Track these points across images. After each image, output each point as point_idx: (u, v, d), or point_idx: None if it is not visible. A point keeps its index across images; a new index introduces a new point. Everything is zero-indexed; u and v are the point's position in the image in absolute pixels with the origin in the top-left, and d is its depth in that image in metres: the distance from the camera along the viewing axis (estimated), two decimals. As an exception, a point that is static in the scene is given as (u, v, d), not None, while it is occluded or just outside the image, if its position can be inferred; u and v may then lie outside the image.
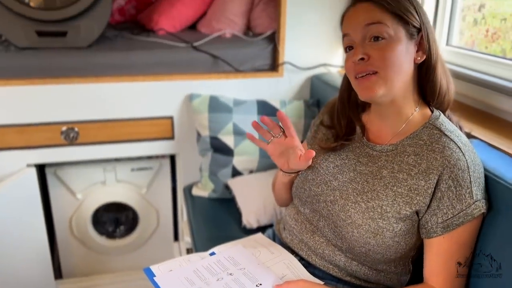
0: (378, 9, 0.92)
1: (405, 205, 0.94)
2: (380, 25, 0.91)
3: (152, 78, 1.78)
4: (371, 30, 0.91)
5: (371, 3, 0.93)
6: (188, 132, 1.87)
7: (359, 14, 0.94)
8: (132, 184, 2.03)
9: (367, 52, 0.91)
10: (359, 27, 0.93)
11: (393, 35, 0.91)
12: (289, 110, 1.79)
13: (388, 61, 0.90)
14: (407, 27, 0.92)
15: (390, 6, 0.91)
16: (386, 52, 0.90)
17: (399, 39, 0.91)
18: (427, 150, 0.94)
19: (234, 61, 1.84)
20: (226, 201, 1.73)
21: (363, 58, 0.91)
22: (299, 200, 1.13)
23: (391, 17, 0.91)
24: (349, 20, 0.96)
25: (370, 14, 0.92)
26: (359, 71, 0.93)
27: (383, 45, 0.91)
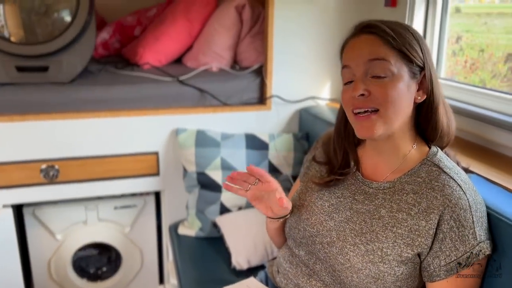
0: (383, 44, 0.88)
1: (406, 247, 0.89)
2: (383, 62, 0.87)
3: (137, 113, 1.73)
4: (374, 66, 0.87)
5: (376, 36, 0.89)
6: (174, 168, 1.81)
7: (362, 46, 0.90)
8: (115, 223, 1.94)
9: (368, 88, 0.88)
10: (362, 61, 0.89)
11: (395, 73, 0.87)
12: (278, 143, 1.75)
13: (390, 99, 0.87)
14: (410, 65, 0.89)
15: (395, 42, 0.87)
16: (388, 90, 0.87)
17: (401, 78, 0.88)
18: (426, 188, 0.90)
19: (221, 94, 1.81)
20: (214, 240, 1.66)
21: (363, 94, 0.88)
22: (293, 241, 1.07)
23: (395, 54, 0.88)
24: (351, 52, 0.92)
25: (374, 49, 0.88)
26: (358, 107, 0.89)
27: (385, 82, 0.87)
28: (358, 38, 0.92)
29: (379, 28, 0.88)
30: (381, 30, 0.88)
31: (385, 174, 0.97)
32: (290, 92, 1.84)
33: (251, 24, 1.96)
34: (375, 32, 0.89)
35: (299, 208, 1.06)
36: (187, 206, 1.75)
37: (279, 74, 1.81)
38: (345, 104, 0.93)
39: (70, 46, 1.67)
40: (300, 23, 1.78)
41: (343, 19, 1.82)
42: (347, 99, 0.92)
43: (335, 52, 1.87)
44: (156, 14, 2.25)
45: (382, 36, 0.88)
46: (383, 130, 0.89)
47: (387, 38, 0.88)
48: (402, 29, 0.90)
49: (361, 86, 0.88)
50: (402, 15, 1.55)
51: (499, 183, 1.02)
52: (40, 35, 1.66)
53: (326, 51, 1.84)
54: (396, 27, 0.90)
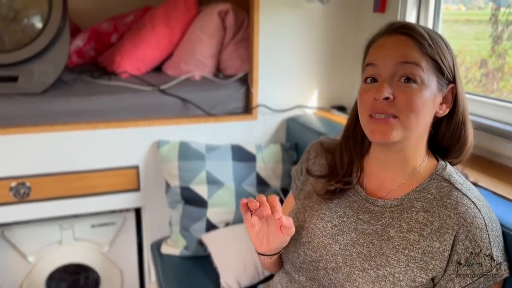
0: (417, 48, 0.81)
1: (420, 271, 0.81)
2: (415, 67, 0.80)
3: (115, 125, 1.62)
4: (405, 69, 0.80)
5: (411, 38, 0.82)
6: (155, 183, 1.70)
7: (395, 47, 0.83)
8: (92, 242, 1.81)
9: (394, 92, 0.81)
10: (392, 61, 0.82)
11: (425, 81, 0.81)
12: (266, 155, 1.67)
13: (414, 108, 0.80)
14: (440, 76, 0.83)
15: (430, 49, 0.81)
16: (414, 97, 0.80)
17: (429, 87, 0.81)
18: (438, 206, 0.84)
19: (205, 104, 1.72)
20: (201, 259, 1.56)
21: (388, 98, 0.81)
22: (292, 266, 0.98)
23: (428, 61, 0.81)
24: (381, 50, 0.84)
25: (408, 51, 0.81)
26: (379, 111, 0.81)
27: (413, 89, 0.80)
28: (391, 38, 0.84)
29: (416, 31, 0.82)
30: (418, 33, 0.81)
31: (390, 189, 0.90)
32: (276, 101, 1.77)
33: (234, 31, 1.89)
34: (411, 34, 0.82)
35: (298, 229, 0.97)
36: (170, 223, 1.65)
37: (265, 82, 1.74)
38: (363, 105, 0.85)
39: (41, 54, 1.56)
40: (286, 30, 1.72)
41: (331, 25, 1.76)
42: (366, 100, 0.84)
43: (323, 59, 1.86)
44: (134, 20, 2.15)
45: (418, 39, 0.81)
46: (400, 137, 0.82)
47: (423, 42, 0.81)
48: (437, 36, 0.84)
49: (387, 88, 0.80)
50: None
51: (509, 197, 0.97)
52: (8, 42, 1.54)
53: (313, 58, 1.78)
54: (431, 33, 0.84)
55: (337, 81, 1.83)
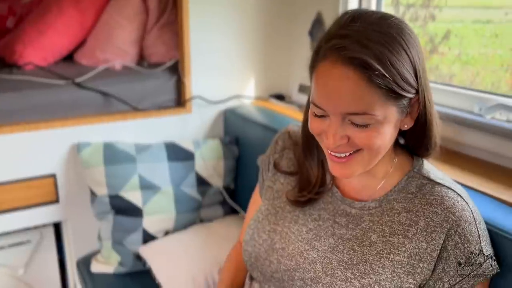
0: (366, 85, 0.64)
1: (407, 276, 0.74)
2: (367, 116, 0.67)
3: (22, 127, 1.35)
4: (355, 119, 0.68)
5: (358, 72, 0.64)
6: (77, 193, 1.47)
7: (339, 91, 0.66)
8: (3, 266, 1.53)
9: (347, 133, 0.69)
10: (338, 111, 0.68)
11: (381, 120, 0.68)
12: (205, 151, 1.51)
13: (374, 145, 0.70)
14: (400, 103, 0.69)
15: (384, 80, 0.64)
16: (371, 139, 0.69)
17: (388, 121, 0.69)
18: (421, 204, 0.76)
19: (130, 98, 1.51)
20: (140, 275, 1.38)
21: (342, 143, 0.70)
22: (262, 276, 0.86)
23: (382, 97, 0.66)
24: (324, 93, 0.68)
25: (355, 97, 0.65)
26: (335, 151, 0.72)
27: (369, 130, 0.69)
28: (333, 69, 0.66)
29: (362, 60, 0.64)
30: (366, 63, 0.64)
31: (365, 193, 0.82)
32: (212, 92, 1.61)
33: (158, 14, 1.68)
34: (357, 65, 0.64)
35: (270, 234, 0.85)
36: (99, 237, 1.43)
37: (198, 71, 1.57)
38: (316, 136, 0.76)
39: None
40: (219, 12, 1.55)
41: (268, 7, 1.63)
42: (318, 133, 0.73)
43: (259, 44, 1.72)
44: (34, 2, 1.84)
45: (367, 72, 0.64)
46: (363, 170, 0.74)
47: (373, 76, 0.64)
48: (393, 44, 0.66)
49: (339, 133, 0.69)
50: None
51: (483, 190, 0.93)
52: None
53: (249, 44, 1.64)
54: (385, 43, 0.65)
55: (274, 68, 1.72)
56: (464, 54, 1.32)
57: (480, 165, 1.06)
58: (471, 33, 1.34)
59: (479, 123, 1.06)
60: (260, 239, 0.85)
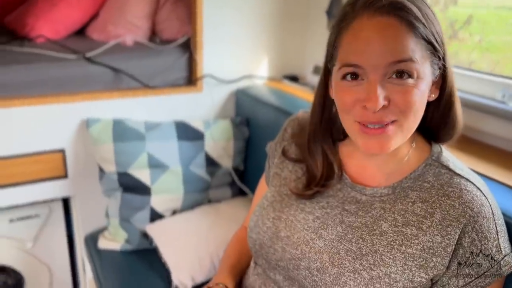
0: (412, 36, 0.64)
1: (419, 270, 0.71)
2: (411, 63, 0.64)
3: (33, 101, 1.34)
4: (399, 67, 0.65)
5: (401, 21, 0.64)
6: (86, 168, 1.46)
7: (383, 40, 0.64)
8: (12, 238, 1.54)
9: (387, 95, 0.66)
10: (383, 61, 0.64)
11: (421, 73, 0.66)
12: (215, 132, 1.48)
13: (413, 108, 0.67)
14: (433, 59, 0.68)
15: (425, 30, 0.65)
16: (413, 97, 0.66)
17: (425, 78, 0.67)
18: (438, 196, 0.73)
19: (142, 74, 1.48)
20: (146, 253, 1.37)
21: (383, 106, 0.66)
22: (267, 263, 0.84)
23: (423, 47, 0.66)
24: (363, 45, 0.65)
25: (402, 46, 0.64)
26: (373, 121, 0.67)
27: (410, 86, 0.65)
28: (373, 21, 0.65)
29: (406, 8, 0.64)
30: (407, 9, 0.64)
31: (377, 179, 0.78)
32: (224, 71, 1.57)
33: (172, -12, 1.64)
34: (400, 15, 0.64)
35: (275, 221, 0.82)
36: (107, 214, 1.43)
37: (210, 48, 1.53)
38: (345, 109, 0.70)
39: None
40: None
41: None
42: (349, 102, 0.69)
43: (275, 23, 1.67)
44: (47, -27, 1.81)
45: (411, 22, 0.64)
46: (400, 143, 0.70)
47: (417, 25, 0.64)
48: (424, 5, 0.67)
49: (381, 93, 0.65)
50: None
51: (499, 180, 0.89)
52: None
53: (264, 22, 1.59)
54: (419, 3, 0.66)
55: (289, 48, 1.67)
56: (485, 41, 1.26)
57: (501, 154, 1.02)
58: (494, 19, 1.28)
59: (502, 110, 1.01)
60: (264, 226, 0.83)
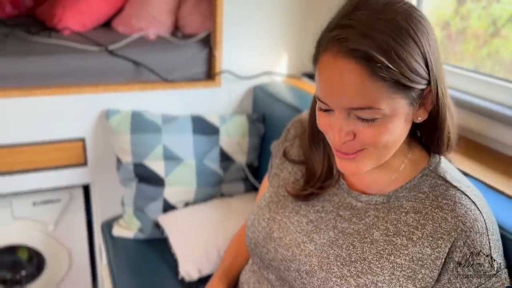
0: (370, 79, 0.60)
1: (407, 281, 0.71)
2: (371, 111, 0.63)
3: (56, 91, 1.40)
4: (359, 113, 0.64)
5: (360, 64, 0.60)
6: (105, 157, 1.51)
7: (341, 85, 0.62)
8: (35, 221, 1.62)
9: (353, 130, 0.66)
10: (342, 105, 0.64)
11: (389, 113, 0.63)
12: (230, 127, 1.50)
13: (380, 143, 0.66)
14: (409, 95, 0.64)
15: (388, 72, 0.60)
16: (379, 134, 0.65)
17: (397, 115, 0.64)
18: (432, 207, 0.72)
19: (161, 68, 1.52)
20: (157, 242, 1.41)
21: (348, 140, 0.67)
22: (261, 261, 0.86)
23: (388, 90, 0.61)
24: (327, 87, 0.64)
25: (358, 92, 0.61)
26: (341, 150, 0.69)
27: (376, 126, 0.64)
28: (335, 62, 0.62)
29: (364, 52, 0.59)
30: (368, 55, 0.59)
31: (373, 186, 0.78)
32: (242, 67, 1.59)
33: (195, -17, 1.66)
34: (359, 57, 0.60)
35: (269, 222, 0.84)
36: (122, 203, 1.48)
37: (229, 44, 1.55)
38: (322, 130, 0.72)
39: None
40: (254, -16, 1.51)
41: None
42: (324, 128, 0.70)
43: (295, 19, 1.66)
44: (78, -34, 1.86)
45: (369, 65, 0.59)
46: (373, 165, 0.70)
47: (376, 68, 0.59)
48: (399, 33, 0.61)
49: (344, 131, 0.66)
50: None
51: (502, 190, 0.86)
52: None
53: (284, 19, 1.59)
54: (390, 32, 0.60)
55: (309, 45, 1.64)
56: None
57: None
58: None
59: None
60: (259, 226, 0.84)
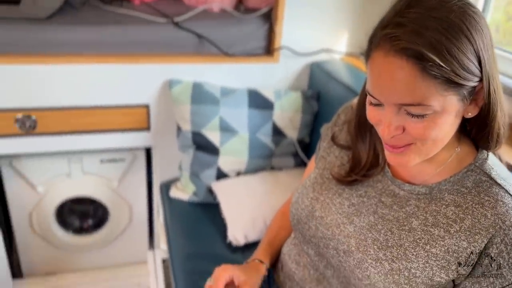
0: (421, 76, 0.61)
1: (440, 270, 0.74)
2: (422, 107, 0.64)
3: (125, 59, 1.50)
4: (410, 110, 0.65)
5: (411, 62, 0.61)
6: (166, 124, 1.62)
7: (392, 82, 0.63)
8: (101, 177, 1.78)
9: (402, 124, 0.67)
10: (392, 101, 0.66)
11: (439, 110, 0.64)
12: (285, 102, 1.55)
13: (428, 137, 0.67)
14: (460, 92, 0.64)
15: (440, 70, 0.60)
16: (428, 130, 0.66)
17: (447, 111, 0.65)
18: (473, 203, 0.73)
19: (223, 42, 1.57)
20: (209, 206, 1.51)
21: (396, 134, 0.69)
22: (302, 237, 0.92)
23: (439, 87, 0.62)
24: (378, 81, 0.66)
25: (409, 89, 0.62)
26: (390, 144, 0.71)
27: (425, 121, 0.65)
28: (386, 60, 0.63)
29: (416, 51, 0.60)
30: (420, 53, 0.60)
31: (417, 177, 0.80)
32: (301, 43, 1.61)
33: (260, -43, 1.67)
34: (411, 56, 0.61)
35: (312, 202, 0.89)
36: (180, 167, 1.58)
37: (290, 20, 1.56)
38: (372, 122, 0.74)
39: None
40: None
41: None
42: (374, 121, 0.72)
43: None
44: None
45: (421, 63, 0.60)
46: (419, 160, 0.72)
47: (427, 67, 0.60)
48: (452, 31, 0.61)
49: (393, 125, 0.67)
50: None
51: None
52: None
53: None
54: (443, 30, 0.60)
55: (370, 23, 1.62)
56: None
57: None
58: None
59: None
60: (303, 204, 0.89)
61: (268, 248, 1.02)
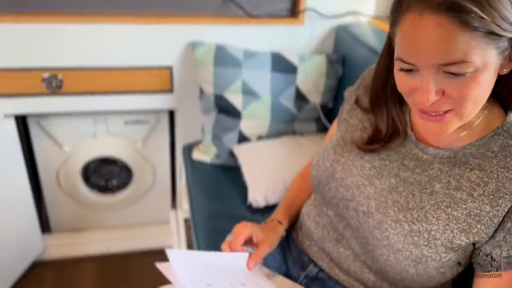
0: (461, 31, 0.58)
1: (460, 233, 0.74)
2: (464, 64, 0.60)
3: (148, 20, 1.49)
4: (450, 69, 0.62)
5: (449, 16, 0.58)
6: (189, 86, 1.62)
7: (431, 41, 0.60)
8: (125, 137, 1.81)
9: (441, 87, 0.64)
10: (430, 62, 0.62)
11: (479, 66, 0.61)
12: (309, 67, 1.52)
13: (470, 97, 0.64)
14: (500, 43, 0.61)
15: (481, 22, 0.58)
16: (468, 89, 0.63)
17: (487, 67, 0.62)
18: (498, 167, 0.72)
19: (247, 3, 1.55)
20: (231, 169, 1.53)
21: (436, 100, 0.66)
22: (322, 198, 0.92)
23: (480, 41, 0.59)
24: (413, 45, 0.62)
25: (449, 46, 0.59)
26: (427, 111, 0.68)
27: (465, 80, 0.62)
28: (422, 19, 0.60)
29: (454, 3, 0.57)
30: (459, 6, 0.57)
31: (442, 141, 0.78)
32: (327, 5, 1.56)
33: None
34: (451, 13, 0.58)
35: (333, 164, 0.89)
36: (202, 130, 1.60)
37: (317, -19, 1.52)
38: (404, 95, 0.71)
39: None
40: None
41: None
42: (406, 91, 0.69)
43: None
44: None
45: (461, 16, 0.57)
46: (458, 125, 0.69)
47: (469, 19, 0.57)
48: None
49: (433, 88, 0.64)
50: None
51: None
52: None
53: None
54: None
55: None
56: None
57: None
58: None
59: None
60: (323, 166, 0.89)
61: (286, 209, 1.03)
